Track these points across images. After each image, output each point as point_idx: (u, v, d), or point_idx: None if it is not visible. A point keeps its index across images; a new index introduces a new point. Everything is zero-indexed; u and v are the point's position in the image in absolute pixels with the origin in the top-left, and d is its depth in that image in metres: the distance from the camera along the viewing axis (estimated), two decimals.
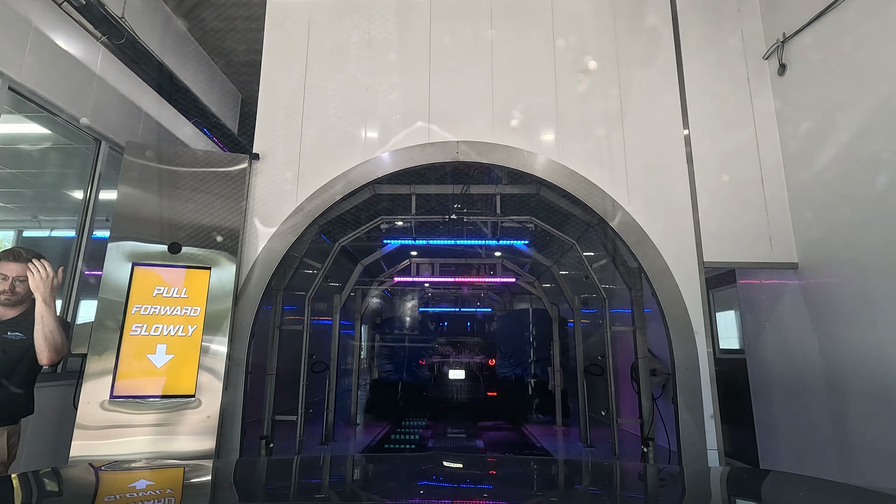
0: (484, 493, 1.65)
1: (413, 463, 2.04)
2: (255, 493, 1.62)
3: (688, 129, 5.05)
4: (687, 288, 4.67)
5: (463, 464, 2.05)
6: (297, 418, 5.36)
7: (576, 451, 7.54)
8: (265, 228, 4.91)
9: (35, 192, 5.75)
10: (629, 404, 7.39)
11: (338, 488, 1.67)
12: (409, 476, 1.71)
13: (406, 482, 1.64)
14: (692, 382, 4.47)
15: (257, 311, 4.76)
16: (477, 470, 1.94)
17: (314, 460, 2.70)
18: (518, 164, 4.99)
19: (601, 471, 1.99)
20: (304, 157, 5.09)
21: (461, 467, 1.95)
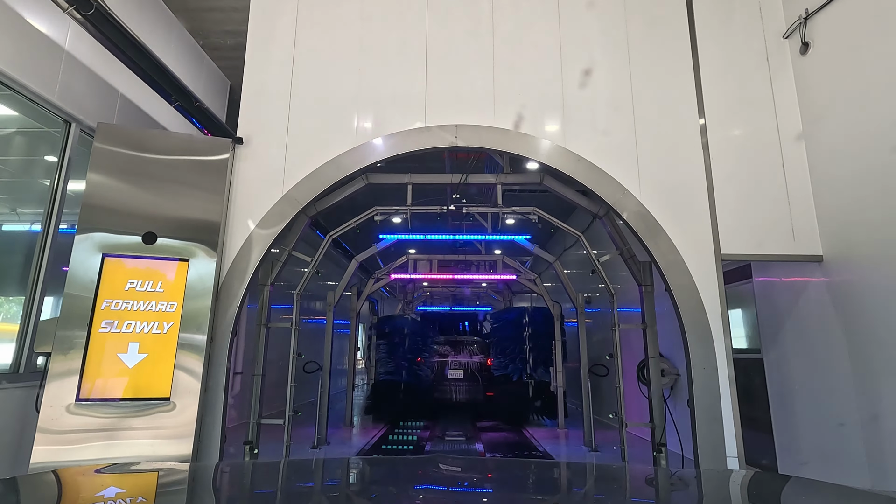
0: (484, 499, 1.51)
1: (409, 467, 1.90)
2: (235, 499, 1.51)
3: (703, 113, 4.71)
4: (703, 282, 4.34)
5: (462, 468, 1.91)
6: (283, 422, 5.01)
7: (580, 455, 7.21)
8: (249, 218, 4.57)
9: (7, 183, 5.40)
10: (635, 407, 7.05)
11: (326, 493, 1.57)
12: (403, 481, 1.61)
13: (400, 487, 1.54)
14: (710, 384, 4.14)
15: (240, 308, 4.41)
16: (477, 475, 1.83)
17: (300, 463, 2.47)
18: (521, 150, 4.65)
19: (612, 475, 1.90)
20: (292, 143, 4.74)
21: (459, 471, 1.83)
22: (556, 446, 7.91)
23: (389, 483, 1.60)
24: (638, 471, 2.55)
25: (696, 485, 1.68)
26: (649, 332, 5.13)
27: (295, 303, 5.32)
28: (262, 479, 1.72)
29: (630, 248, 5.32)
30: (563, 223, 5.61)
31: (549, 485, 1.67)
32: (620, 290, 7.07)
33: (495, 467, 2.09)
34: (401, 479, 1.63)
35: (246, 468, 2.28)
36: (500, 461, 2.99)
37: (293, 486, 1.62)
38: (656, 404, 4.98)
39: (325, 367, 7.78)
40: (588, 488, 1.63)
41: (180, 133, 4.55)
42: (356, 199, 5.74)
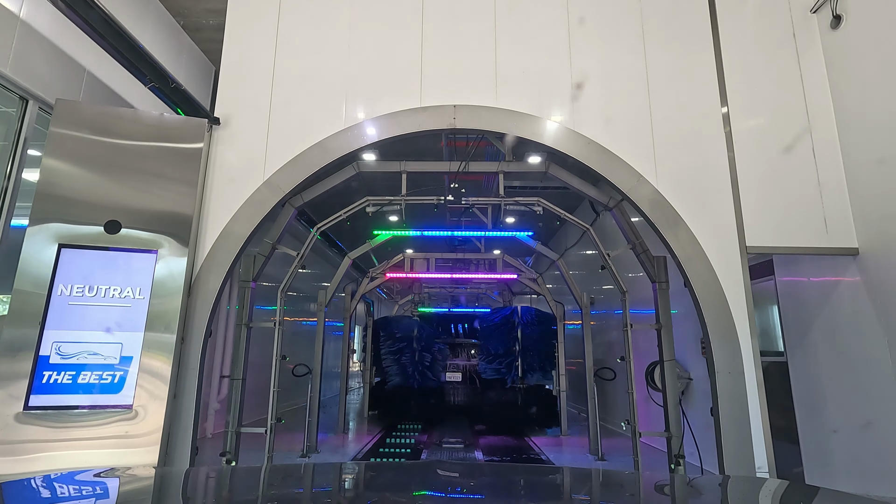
0: None
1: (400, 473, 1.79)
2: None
3: (725, 95, 4.30)
4: (727, 277, 3.93)
5: (460, 475, 1.75)
6: (265, 430, 4.57)
7: (586, 464, 6.78)
8: (226, 206, 4.15)
9: None
10: (643, 413, 6.63)
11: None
12: (384, 488, 1.53)
13: (377, 495, 1.47)
14: (736, 390, 3.72)
15: (215, 305, 3.98)
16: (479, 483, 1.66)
17: (281, 469, 2.41)
18: (526, 132, 4.24)
19: (627, 481, 1.82)
20: (275, 124, 4.33)
21: (457, 476, 1.71)
22: (559, 454, 7.48)
23: (364, 489, 1.51)
24: (656, 478, 2.38)
25: (718, 492, 1.59)
26: (664, 332, 4.72)
27: (279, 301, 4.89)
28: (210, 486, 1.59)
29: (643, 241, 4.91)
30: (570, 215, 5.19)
31: (574, 494, 1.58)
32: (635, 286, 6.67)
33: (500, 475, 1.90)
34: (380, 486, 1.55)
35: (198, 474, 1.99)
36: (509, 469, 2.64)
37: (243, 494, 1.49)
38: (672, 412, 4.56)
39: (315, 371, 7.34)
40: (623, 497, 1.54)
41: (150, 113, 4.13)
42: (347, 189, 5.33)
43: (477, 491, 1.55)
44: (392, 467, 2.00)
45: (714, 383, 3.75)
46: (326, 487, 1.63)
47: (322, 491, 1.58)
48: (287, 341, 11.37)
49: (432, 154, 5.97)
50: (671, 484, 1.84)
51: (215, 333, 8.22)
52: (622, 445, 7.75)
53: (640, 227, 4.94)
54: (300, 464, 4.70)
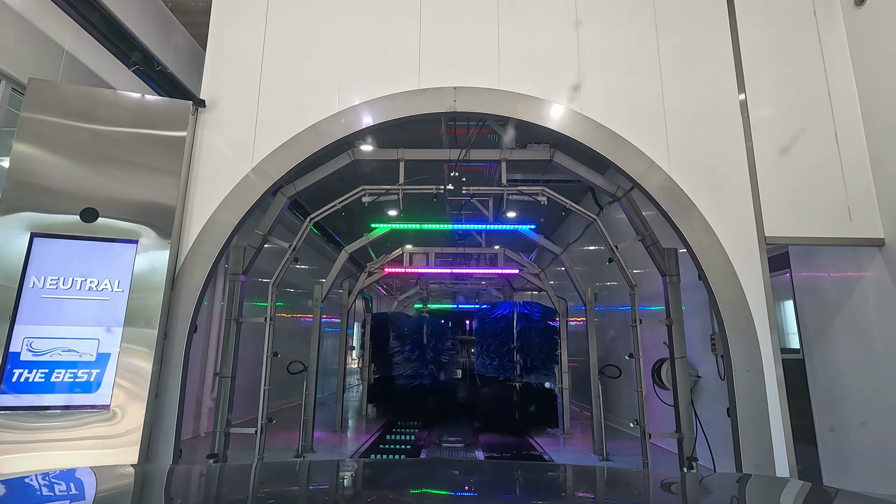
0: None
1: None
2: None
3: (742, 78, 4.06)
4: (744, 269, 3.69)
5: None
6: (255, 430, 4.34)
7: (591, 465, 6.55)
8: (212, 194, 3.91)
9: None
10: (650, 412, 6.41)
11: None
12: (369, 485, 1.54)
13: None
14: (754, 389, 3.49)
15: (200, 299, 3.75)
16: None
17: (271, 467, 2.18)
18: (531, 115, 4.00)
19: (637, 480, 1.76)
20: (265, 107, 4.08)
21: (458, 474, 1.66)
22: (562, 454, 7.26)
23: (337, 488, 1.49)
24: (673, 477, 2.35)
25: (734, 491, 1.52)
26: (675, 328, 4.49)
27: (270, 295, 4.66)
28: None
29: (652, 233, 4.67)
30: (575, 205, 4.95)
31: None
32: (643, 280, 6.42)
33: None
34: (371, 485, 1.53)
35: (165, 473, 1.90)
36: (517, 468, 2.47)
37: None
38: (684, 412, 4.33)
39: (311, 368, 7.12)
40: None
41: (129, 94, 3.88)
42: (343, 179, 5.10)
43: (487, 490, 1.49)
44: (384, 465, 1.94)
45: (731, 382, 3.52)
46: (309, 485, 1.57)
47: (298, 490, 1.52)
48: (285, 338, 11.20)
49: (432, 143, 5.72)
50: (687, 482, 1.78)
51: (210, 330, 8.00)
52: (626, 445, 7.53)
53: (650, 219, 4.70)
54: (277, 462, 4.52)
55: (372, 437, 8.30)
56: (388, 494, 1.39)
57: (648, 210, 4.78)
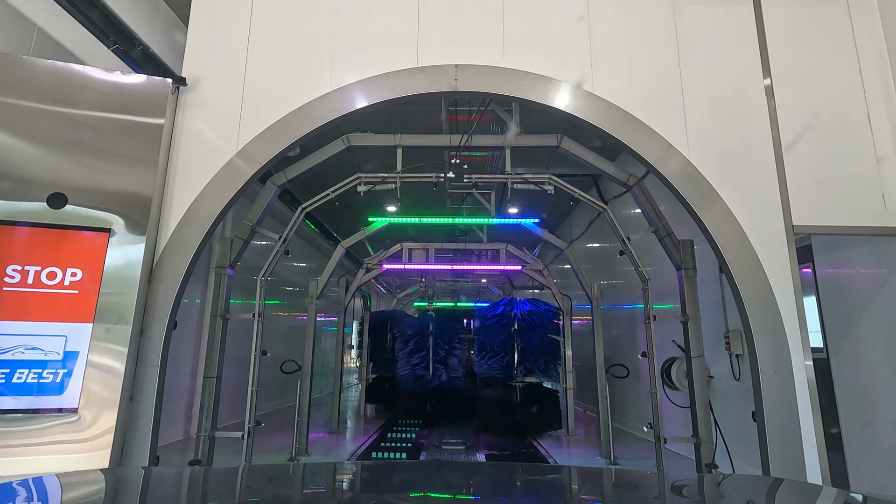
0: None
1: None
2: None
3: (767, 54, 3.76)
4: (771, 261, 3.40)
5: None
6: (242, 434, 4.05)
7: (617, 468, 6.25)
8: (194, 180, 3.62)
9: None
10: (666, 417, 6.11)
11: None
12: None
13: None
14: (783, 391, 3.20)
15: (180, 293, 3.46)
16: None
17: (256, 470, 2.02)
18: (538, 95, 3.70)
19: (651, 482, 1.69)
20: (251, 86, 3.79)
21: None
22: (567, 457, 6.97)
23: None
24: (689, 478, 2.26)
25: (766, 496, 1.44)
26: (691, 325, 4.20)
27: (258, 289, 4.37)
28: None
29: (667, 224, 4.38)
30: (584, 194, 4.65)
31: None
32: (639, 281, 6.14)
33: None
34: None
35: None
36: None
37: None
38: (702, 414, 4.04)
39: (305, 368, 6.83)
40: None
41: (101, 70, 3.58)
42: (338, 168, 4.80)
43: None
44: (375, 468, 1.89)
45: (757, 383, 3.23)
46: (285, 489, 1.47)
47: (273, 493, 1.43)
48: (282, 337, 10.93)
49: (431, 131, 5.43)
50: (712, 483, 1.69)
51: (202, 328, 7.71)
52: (634, 448, 7.24)
53: (667, 206, 4.41)
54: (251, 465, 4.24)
55: (370, 439, 8.01)
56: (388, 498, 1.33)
57: (659, 202, 4.50)
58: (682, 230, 4.36)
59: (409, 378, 9.58)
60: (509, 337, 8.71)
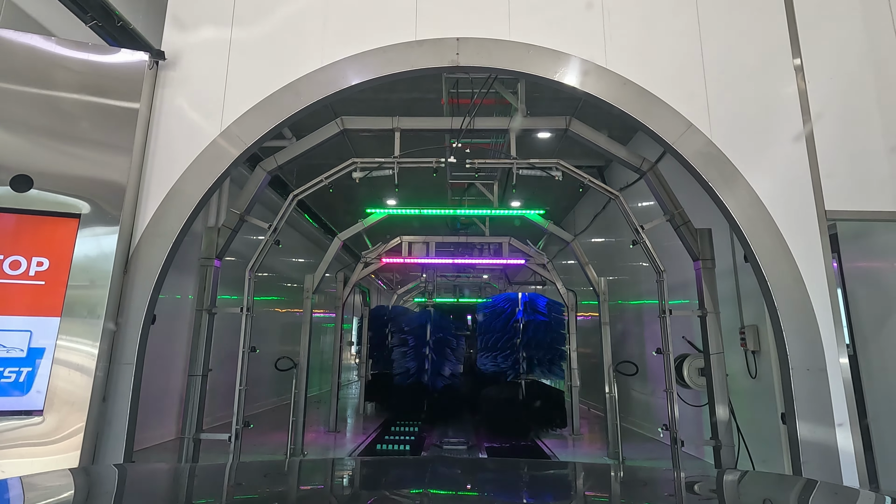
0: None
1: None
2: None
3: (795, 24, 3.47)
4: (802, 250, 3.12)
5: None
6: (229, 437, 3.79)
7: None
8: (174, 163, 3.34)
9: None
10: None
11: None
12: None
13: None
14: (818, 392, 2.92)
15: (159, 284, 3.19)
16: None
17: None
18: (546, 71, 3.42)
19: (667, 479, 1.63)
20: (236, 62, 3.51)
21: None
22: (573, 457, 6.71)
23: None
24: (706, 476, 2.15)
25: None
26: (710, 320, 3.92)
27: (247, 282, 4.09)
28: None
29: (683, 212, 4.10)
30: (594, 180, 4.36)
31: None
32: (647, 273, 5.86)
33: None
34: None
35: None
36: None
37: None
38: (722, 415, 3.76)
39: (301, 365, 6.57)
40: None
41: (71, 43, 3.29)
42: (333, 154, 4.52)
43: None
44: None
45: (789, 383, 2.95)
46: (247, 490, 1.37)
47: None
48: (280, 333, 10.67)
49: (432, 114, 5.16)
50: (720, 481, 1.62)
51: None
52: (642, 447, 6.99)
53: (684, 192, 4.13)
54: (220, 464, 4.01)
55: (368, 438, 7.76)
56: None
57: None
58: (695, 221, 4.08)
59: (410, 375, 9.33)
60: (512, 333, 8.44)
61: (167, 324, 6.10)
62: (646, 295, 8.35)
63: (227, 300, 5.05)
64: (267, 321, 10.56)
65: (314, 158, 4.56)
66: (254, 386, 9.15)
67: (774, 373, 4.77)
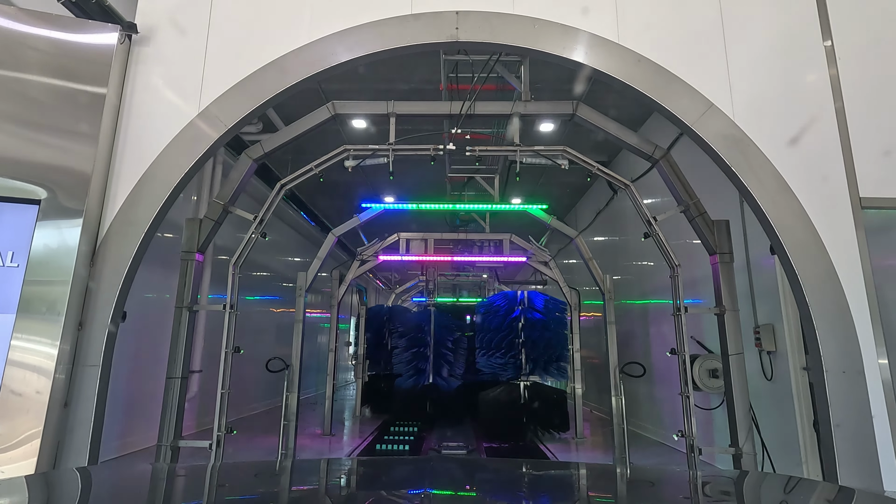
0: None
1: None
2: None
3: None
4: (835, 241, 2.85)
5: None
6: (210, 444, 3.50)
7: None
8: (147, 146, 3.06)
9: None
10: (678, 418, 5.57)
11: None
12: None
13: None
14: (855, 396, 2.65)
15: (129, 278, 2.90)
16: None
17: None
18: (553, 46, 3.14)
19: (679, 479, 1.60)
20: (216, 37, 3.23)
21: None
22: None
23: None
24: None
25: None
26: (728, 318, 3.64)
27: (230, 277, 3.81)
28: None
29: (699, 202, 3.82)
30: (604, 167, 4.08)
31: None
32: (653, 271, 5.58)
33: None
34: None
35: None
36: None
37: None
38: (742, 421, 3.48)
39: (293, 367, 6.28)
40: None
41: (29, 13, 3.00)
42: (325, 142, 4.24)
43: None
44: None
45: (823, 387, 2.67)
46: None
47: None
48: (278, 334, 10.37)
49: (429, 93, 4.89)
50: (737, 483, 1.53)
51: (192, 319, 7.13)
52: (649, 451, 6.73)
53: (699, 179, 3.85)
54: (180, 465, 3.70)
55: (364, 442, 7.48)
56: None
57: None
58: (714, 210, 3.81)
59: (408, 376, 9.05)
60: (513, 333, 8.15)
61: (155, 324, 5.82)
62: (650, 294, 8.08)
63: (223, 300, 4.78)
64: (264, 321, 10.29)
65: (309, 152, 4.28)
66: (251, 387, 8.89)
67: (792, 375, 4.50)
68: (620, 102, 5.31)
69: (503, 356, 8.18)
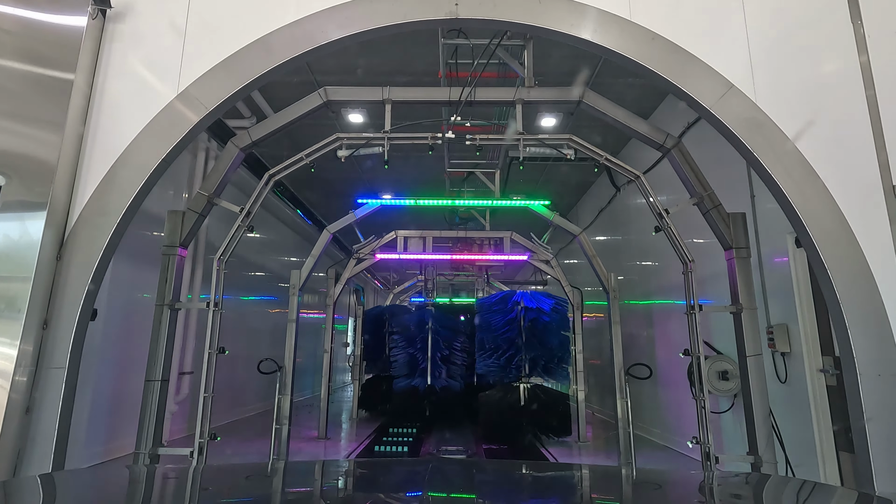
0: None
1: None
2: None
3: None
4: (867, 233, 2.62)
5: None
6: (190, 452, 3.26)
7: None
8: (121, 131, 2.82)
9: None
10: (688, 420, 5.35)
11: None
12: None
13: None
14: (892, 399, 2.42)
15: (99, 273, 2.67)
16: None
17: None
18: (559, 24, 2.91)
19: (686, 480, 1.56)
20: (196, 14, 3.00)
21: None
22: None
23: None
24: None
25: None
26: (746, 317, 3.41)
27: (214, 273, 3.57)
28: None
29: (713, 193, 3.59)
30: (612, 157, 3.85)
31: None
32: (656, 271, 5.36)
33: None
34: None
35: None
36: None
37: None
38: (761, 427, 3.25)
39: (286, 368, 6.05)
40: None
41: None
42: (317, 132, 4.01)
43: None
44: None
45: (855, 390, 2.44)
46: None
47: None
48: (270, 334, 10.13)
49: (428, 71, 4.64)
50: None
51: (186, 317, 6.90)
52: (654, 456, 6.51)
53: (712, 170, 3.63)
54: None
55: (360, 446, 7.24)
56: None
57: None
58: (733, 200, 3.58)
59: (406, 378, 8.82)
60: (514, 333, 7.92)
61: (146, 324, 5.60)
62: (654, 294, 7.86)
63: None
64: (262, 322, 10.05)
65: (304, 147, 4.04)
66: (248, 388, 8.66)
67: (808, 377, 4.29)
68: (625, 95, 5.10)
69: (503, 357, 7.95)
